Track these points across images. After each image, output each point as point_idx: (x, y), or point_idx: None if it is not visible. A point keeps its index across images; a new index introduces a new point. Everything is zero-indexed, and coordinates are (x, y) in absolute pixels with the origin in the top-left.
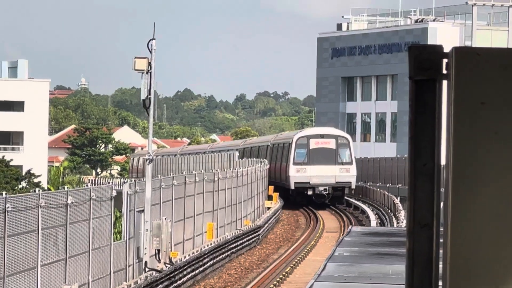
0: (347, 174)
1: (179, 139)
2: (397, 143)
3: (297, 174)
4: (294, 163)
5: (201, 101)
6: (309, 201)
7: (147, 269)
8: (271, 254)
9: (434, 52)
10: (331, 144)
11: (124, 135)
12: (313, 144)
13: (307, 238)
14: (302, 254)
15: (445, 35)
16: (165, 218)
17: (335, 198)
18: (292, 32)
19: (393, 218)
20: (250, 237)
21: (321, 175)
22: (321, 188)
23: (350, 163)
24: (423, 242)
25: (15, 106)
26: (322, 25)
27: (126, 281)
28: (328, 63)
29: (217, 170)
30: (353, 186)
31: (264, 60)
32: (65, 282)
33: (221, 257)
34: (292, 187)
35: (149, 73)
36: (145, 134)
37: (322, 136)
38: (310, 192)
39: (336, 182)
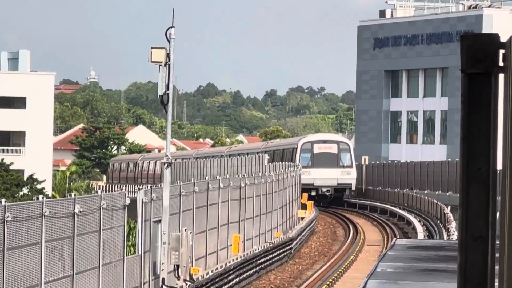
0: (348, 176)
1: (201, 140)
2: (447, 145)
3: (302, 176)
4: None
5: (226, 97)
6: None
7: (164, 287)
8: (305, 271)
9: (490, 42)
10: (333, 149)
11: (139, 135)
12: (317, 149)
13: (346, 252)
14: (340, 270)
15: (502, 23)
16: (185, 230)
17: (336, 198)
18: (329, 20)
19: (443, 230)
20: (281, 251)
21: (324, 177)
22: (324, 189)
23: (351, 166)
24: (476, 257)
25: (16, 102)
26: (363, 12)
27: None
28: (369, 54)
29: (244, 175)
30: (353, 188)
31: (297, 52)
32: None
33: (248, 273)
34: None
35: (167, 66)
36: (162, 134)
37: (325, 141)
38: (313, 193)
39: (338, 184)
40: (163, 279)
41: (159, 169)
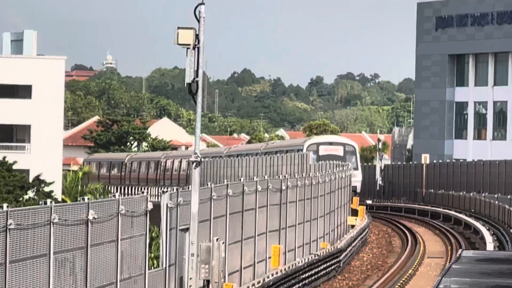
0: (354, 179)
1: (235, 135)
2: None
3: None
4: None
5: (264, 86)
6: None
7: None
8: (356, 287)
9: None
10: (339, 151)
11: (163, 129)
12: (322, 150)
13: (403, 265)
14: (397, 286)
15: None
16: (217, 239)
17: None
18: None
19: None
20: (328, 264)
21: None
22: None
23: (356, 168)
24: None
25: (20, 91)
26: None
27: None
28: (431, 36)
29: (285, 176)
30: (358, 190)
31: (347, 34)
32: None
33: None
34: None
35: (196, 49)
36: (190, 128)
37: (330, 143)
38: None
39: None
40: None
41: (183, 168)
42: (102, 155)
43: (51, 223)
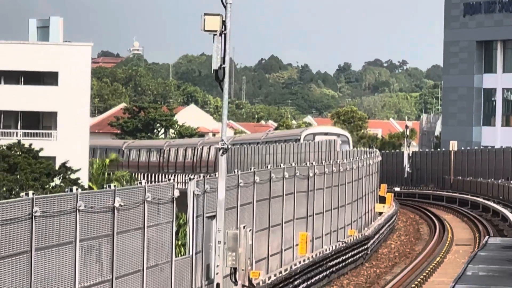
0: None
1: (262, 122)
2: None
3: None
4: None
5: (292, 73)
6: None
7: None
8: (383, 274)
9: None
10: (333, 140)
11: (190, 116)
12: (319, 139)
13: (431, 252)
14: (424, 274)
15: None
16: (244, 227)
17: None
18: None
19: None
20: (355, 251)
21: None
22: None
23: None
24: None
25: (47, 78)
26: None
27: None
28: (459, 22)
29: (312, 163)
30: None
31: (374, 19)
32: None
33: (317, 277)
34: None
35: (223, 35)
36: (217, 115)
37: (326, 133)
38: None
39: None
40: (217, 284)
41: (211, 155)
42: (141, 142)
43: (77, 211)
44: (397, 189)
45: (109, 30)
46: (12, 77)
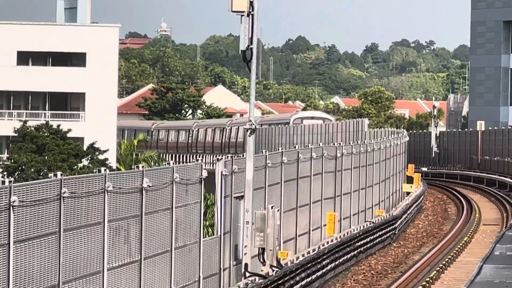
0: None
1: (290, 102)
2: None
3: None
4: None
5: (319, 53)
6: None
7: (247, 274)
8: (411, 254)
9: None
10: (319, 123)
11: (218, 97)
12: (306, 123)
13: (459, 232)
14: (452, 254)
15: None
16: (272, 207)
17: None
18: None
19: None
20: (383, 231)
21: None
22: None
23: None
24: None
25: (74, 59)
26: None
27: None
28: (486, 3)
29: (340, 144)
30: None
31: (402, 0)
32: None
33: (345, 258)
34: None
35: (250, 16)
36: (245, 96)
37: (312, 117)
38: None
39: None
40: (246, 264)
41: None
42: (170, 123)
43: (106, 191)
44: (424, 169)
45: (137, 11)
46: (40, 58)
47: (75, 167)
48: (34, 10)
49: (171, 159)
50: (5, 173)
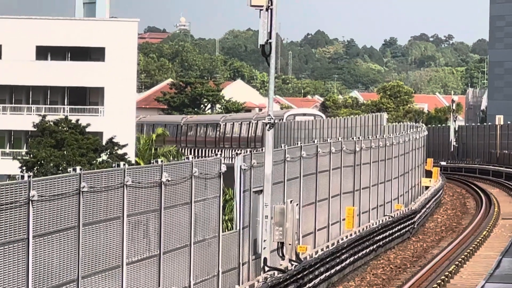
0: None
1: (309, 96)
2: None
3: None
4: None
5: (338, 47)
6: None
7: (266, 268)
8: (430, 249)
9: None
10: (310, 120)
11: (237, 91)
12: (298, 120)
13: (477, 226)
14: (471, 248)
15: None
16: (291, 201)
17: None
18: None
19: None
20: (402, 225)
21: None
22: None
23: None
24: None
25: (93, 54)
26: None
27: (239, 284)
28: None
29: (359, 138)
30: None
31: None
32: (159, 286)
33: (364, 252)
34: None
35: (269, 10)
36: (264, 90)
37: (304, 114)
38: None
39: None
40: (265, 259)
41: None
42: (199, 117)
43: (125, 186)
44: (443, 163)
45: (156, 6)
46: (58, 53)
47: (94, 161)
48: (53, 5)
49: (201, 154)
50: (24, 168)
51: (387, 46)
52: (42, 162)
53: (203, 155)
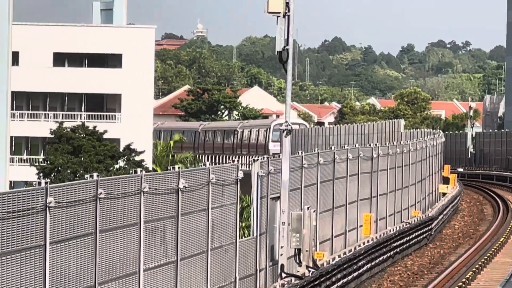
0: None
1: (326, 103)
2: None
3: (274, 148)
4: (272, 141)
5: (355, 54)
6: None
7: (283, 275)
8: (447, 255)
9: None
10: (296, 128)
11: (254, 98)
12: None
13: (495, 233)
14: (488, 254)
15: None
16: (308, 208)
17: None
18: None
19: None
20: (419, 232)
21: None
22: None
23: None
24: None
25: (110, 60)
26: None
27: None
28: None
29: (376, 144)
30: None
31: (437, 1)
32: None
33: (381, 258)
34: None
35: (286, 17)
36: (281, 97)
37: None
38: None
39: None
40: (282, 265)
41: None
42: (217, 124)
43: (142, 192)
44: (460, 170)
45: (173, 13)
46: (76, 59)
47: (111, 168)
48: (70, 11)
49: (219, 161)
50: (41, 174)
51: (405, 52)
52: (59, 168)
53: (221, 161)
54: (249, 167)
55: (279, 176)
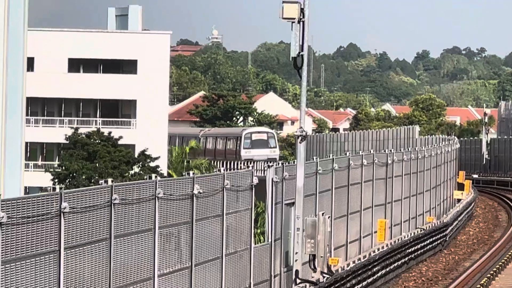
0: (274, 153)
1: (341, 109)
2: None
3: (245, 154)
4: (244, 148)
5: (370, 60)
6: None
7: (298, 281)
8: (462, 261)
9: None
10: (264, 136)
11: (269, 104)
12: (254, 136)
13: (509, 239)
14: (503, 260)
15: None
16: (323, 214)
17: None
18: None
19: None
20: (434, 238)
21: (259, 154)
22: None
23: (275, 147)
24: None
25: (125, 66)
26: None
27: None
28: None
29: (391, 150)
30: (277, 159)
31: (452, 7)
32: None
33: (396, 264)
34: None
35: (301, 23)
36: (296, 103)
37: (259, 132)
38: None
39: (268, 158)
40: (296, 271)
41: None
42: (218, 130)
43: (156, 198)
44: (475, 176)
45: (188, 19)
46: (91, 65)
47: (126, 174)
48: (86, 17)
49: (222, 166)
50: (56, 180)
51: (420, 59)
52: (74, 174)
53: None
54: (264, 173)
55: (293, 182)
